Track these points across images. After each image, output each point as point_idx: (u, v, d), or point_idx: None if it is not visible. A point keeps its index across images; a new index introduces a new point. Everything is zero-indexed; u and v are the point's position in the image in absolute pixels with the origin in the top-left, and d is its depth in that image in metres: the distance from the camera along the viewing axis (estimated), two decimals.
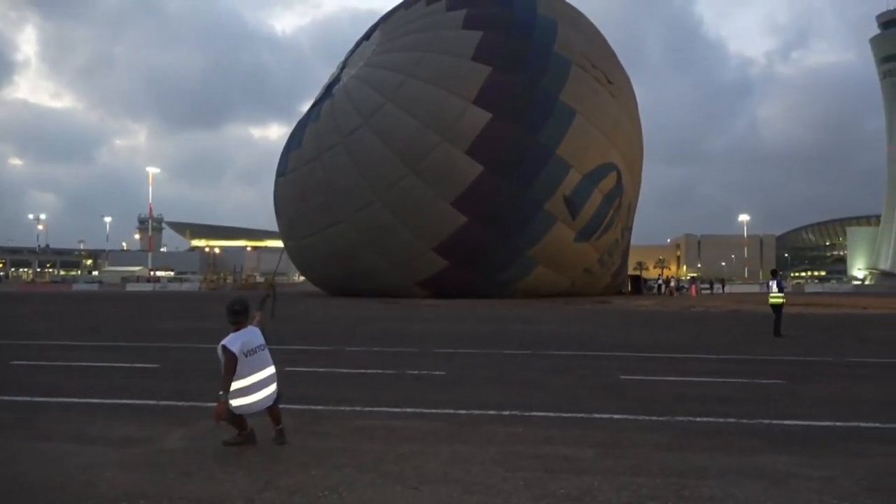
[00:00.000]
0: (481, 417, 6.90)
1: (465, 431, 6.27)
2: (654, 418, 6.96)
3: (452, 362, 11.11)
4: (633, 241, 44.97)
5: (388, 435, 6.08)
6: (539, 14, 35.34)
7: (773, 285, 17.51)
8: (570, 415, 7.07)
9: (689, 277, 75.45)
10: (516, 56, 33.30)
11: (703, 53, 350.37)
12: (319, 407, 7.32)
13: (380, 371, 10.08)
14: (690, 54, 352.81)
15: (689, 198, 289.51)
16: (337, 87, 36.83)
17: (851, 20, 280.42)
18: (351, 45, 41.61)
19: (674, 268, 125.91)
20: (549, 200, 32.92)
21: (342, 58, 40.69)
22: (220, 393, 5.35)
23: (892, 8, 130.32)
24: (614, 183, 35.74)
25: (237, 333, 5.56)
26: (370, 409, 7.25)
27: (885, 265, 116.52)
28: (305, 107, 42.73)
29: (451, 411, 7.16)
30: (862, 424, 6.84)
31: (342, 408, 7.28)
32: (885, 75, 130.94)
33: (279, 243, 49.97)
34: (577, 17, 38.47)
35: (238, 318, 5.64)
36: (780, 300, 16.88)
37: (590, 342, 14.71)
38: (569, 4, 39.24)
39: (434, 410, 7.21)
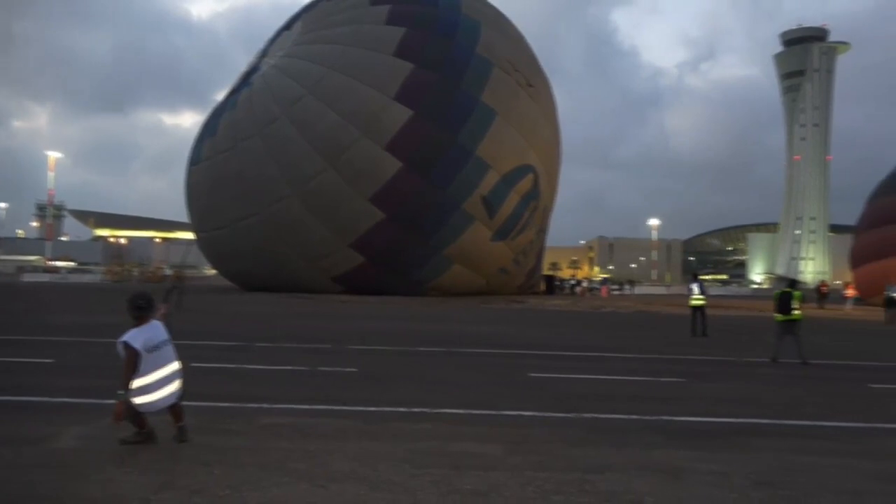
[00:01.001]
0: (392, 414, 6.87)
1: (374, 429, 6.23)
2: (561, 415, 7.11)
3: (365, 359, 11.03)
4: (548, 243, 45.85)
5: (295, 432, 5.97)
6: (463, 15, 35.55)
7: (695, 288, 18.06)
8: (479, 412, 7.13)
9: (600, 279, 77.63)
10: (439, 55, 33.38)
11: (617, 62, 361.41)
12: (225, 404, 7.11)
13: (290, 368, 9.90)
14: (605, 62, 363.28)
15: (602, 202, 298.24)
16: (255, 76, 35.96)
17: (757, 37, 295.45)
18: (271, 34, 40.69)
19: (586, 269, 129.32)
20: (467, 200, 33.18)
21: (261, 46, 39.77)
22: (120, 392, 5.12)
23: (794, 27, 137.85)
24: (531, 185, 36.36)
25: (139, 329, 5.33)
26: (278, 406, 7.10)
27: (780, 270, 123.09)
28: (221, 95, 41.46)
29: (362, 408, 7.10)
30: (755, 421, 7.19)
31: (249, 405, 7.10)
32: (786, 90, 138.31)
33: (190, 235, 48.38)
34: (501, 21, 38.90)
35: (141, 312, 5.42)
36: (702, 302, 17.54)
37: (502, 340, 14.90)
38: (493, 7, 39.62)
39: (344, 407, 7.14)
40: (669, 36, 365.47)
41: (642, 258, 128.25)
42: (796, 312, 12.51)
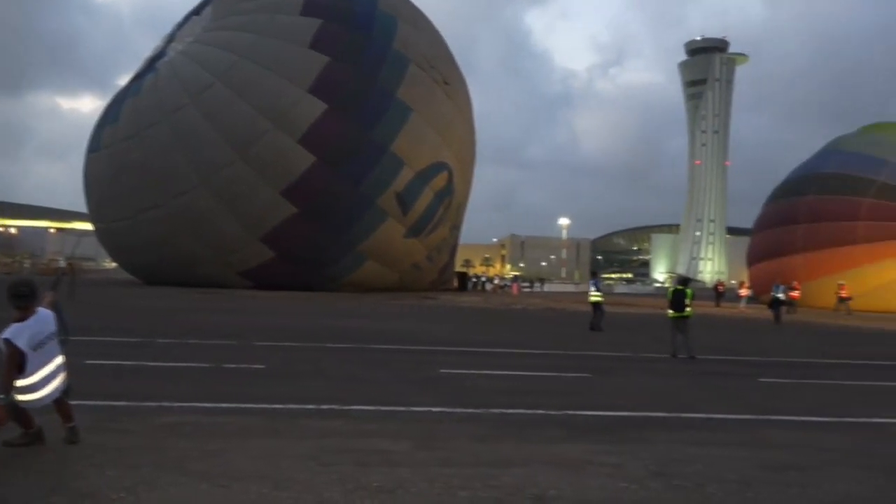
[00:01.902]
0: (299, 412, 6.76)
1: (280, 426, 6.12)
2: (469, 411, 7.18)
3: (273, 356, 10.82)
4: (461, 240, 46.28)
5: (196, 431, 5.78)
6: (379, 10, 35.30)
7: (592, 285, 18.95)
8: (388, 408, 7.12)
9: (511, 276, 78.95)
10: (355, 49, 33.04)
11: (530, 63, 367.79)
12: (121, 403, 6.81)
13: (193, 364, 9.58)
14: (519, 63, 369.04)
15: (515, 200, 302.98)
16: (162, 61, 34.57)
17: (663, 45, 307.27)
18: (179, 18, 39.20)
19: (499, 266, 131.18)
20: (382, 196, 33.04)
21: (168, 30, 38.25)
22: (1, 396, 4.76)
23: (698, 38, 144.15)
24: (446, 182, 36.56)
25: (23, 324, 4.93)
26: (179, 404, 6.86)
27: (681, 270, 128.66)
28: (124, 80, 39.80)
29: (268, 406, 6.96)
30: (652, 414, 7.49)
31: (147, 403, 6.83)
32: (689, 98, 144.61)
33: (88, 225, 46.12)
34: (418, 17, 38.87)
35: (23, 302, 4.98)
36: (599, 299, 18.29)
37: (413, 337, 14.92)
38: (411, 4, 39.54)
39: (249, 405, 6.98)
40: (580, 40, 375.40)
41: (553, 256, 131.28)
42: (688, 310, 13.07)
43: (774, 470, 5.36)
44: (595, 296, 18.39)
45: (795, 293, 32.30)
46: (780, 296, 25.16)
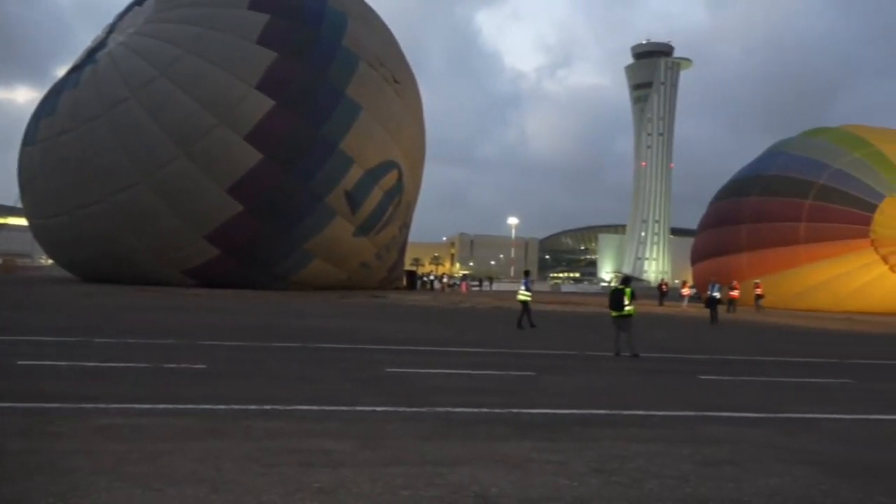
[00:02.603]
0: (241, 413, 6.64)
1: (221, 427, 5.99)
2: (415, 409, 7.17)
3: (215, 355, 10.61)
4: (410, 238, 46.20)
5: (133, 434, 5.63)
6: (329, 7, 34.92)
7: (523, 284, 19.44)
8: (333, 408, 7.06)
9: (460, 275, 79.20)
10: (303, 45, 32.64)
11: (481, 63, 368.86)
12: (54, 405, 6.58)
13: (132, 365, 9.32)
14: (469, 63, 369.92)
15: (464, 199, 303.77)
16: (102, 52, 33.52)
17: (609, 48, 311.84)
18: (121, 9, 38.09)
19: (448, 265, 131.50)
20: (330, 194, 32.75)
21: (109, 21, 37.14)
22: None
23: (644, 41, 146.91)
24: (395, 181, 36.44)
25: None
26: (116, 406, 6.66)
27: (627, 269, 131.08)
28: (62, 71, 38.41)
29: (209, 407, 6.82)
30: (595, 412, 7.60)
31: (83, 405, 6.61)
32: (635, 101, 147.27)
33: (23, 221, 44.49)
34: (369, 15, 38.63)
35: None
36: (527, 298, 18.69)
37: (360, 336, 14.84)
38: (361, 1, 39.26)
39: (189, 406, 6.82)
40: (529, 41, 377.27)
41: (501, 255, 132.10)
42: (628, 308, 13.29)
43: (711, 465, 5.49)
44: (524, 295, 18.77)
45: (735, 293, 33.21)
46: (717, 295, 25.80)
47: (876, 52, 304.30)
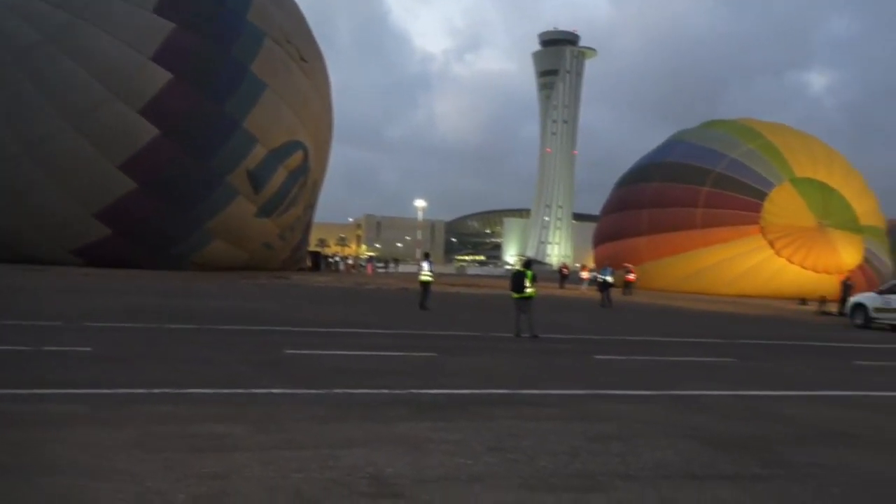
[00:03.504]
0: (128, 397, 6.36)
1: (106, 413, 5.71)
2: (313, 391, 7.07)
3: (103, 337, 10.11)
4: (316, 219, 45.56)
5: (7, 421, 5.28)
6: None
7: (425, 265, 19.84)
8: (227, 391, 6.87)
9: (366, 256, 78.78)
10: (205, 17, 31.29)
11: (390, 43, 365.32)
12: None
13: (8, 348, 8.75)
14: (378, 43, 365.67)
15: (372, 180, 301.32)
16: None
17: (517, 34, 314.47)
18: None
19: (354, 246, 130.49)
20: (232, 173, 31.76)
21: None
22: None
23: (551, 29, 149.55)
24: (301, 161, 35.72)
25: None
26: None
27: (530, 253, 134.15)
28: None
29: (93, 391, 6.49)
30: (494, 391, 7.73)
31: None
32: (542, 87, 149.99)
33: None
34: None
35: None
36: (430, 278, 19.18)
37: (261, 317, 14.50)
38: None
39: (72, 391, 6.46)
40: (438, 23, 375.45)
41: (408, 237, 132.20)
42: (529, 291, 13.58)
43: (601, 441, 5.69)
44: (426, 275, 19.22)
45: (632, 276, 34.51)
46: (608, 278, 26.66)
47: (763, 50, 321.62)
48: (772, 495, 4.51)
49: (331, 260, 58.27)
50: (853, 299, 23.56)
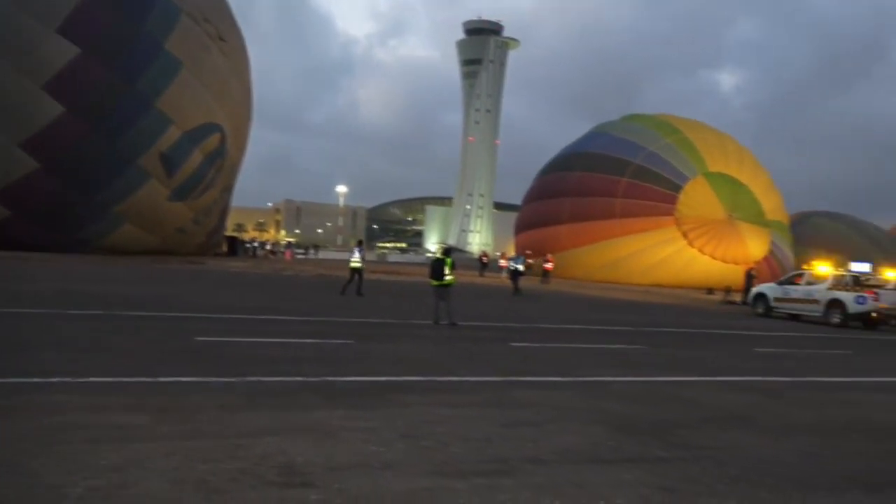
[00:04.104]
0: (21, 387, 6.01)
1: None
2: (224, 380, 6.88)
3: None
4: (234, 203, 44.40)
5: None
6: None
7: (356, 253, 19.88)
8: (132, 379, 6.60)
9: (285, 242, 77.40)
10: None
11: (312, 25, 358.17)
12: None
13: None
14: (300, 24, 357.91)
15: (292, 164, 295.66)
16: None
17: (441, 21, 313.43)
18: None
19: (273, 232, 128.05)
20: (144, 155, 30.48)
21: None
22: None
23: (475, 18, 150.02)
24: (217, 144, 34.63)
25: None
26: None
27: (452, 241, 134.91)
28: None
29: None
30: (410, 378, 7.72)
31: None
32: (465, 76, 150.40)
33: None
34: None
35: None
36: (360, 265, 19.35)
37: (171, 303, 14.02)
38: None
39: None
40: (361, 6, 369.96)
41: (329, 223, 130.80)
42: (448, 278, 13.65)
43: (513, 427, 5.77)
44: (355, 262, 19.55)
45: (549, 265, 35.18)
46: (520, 267, 27.06)
47: (678, 47, 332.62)
48: (673, 477, 4.68)
49: (248, 245, 56.96)
50: (755, 289, 24.73)
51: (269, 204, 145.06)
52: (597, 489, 4.30)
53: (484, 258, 45.56)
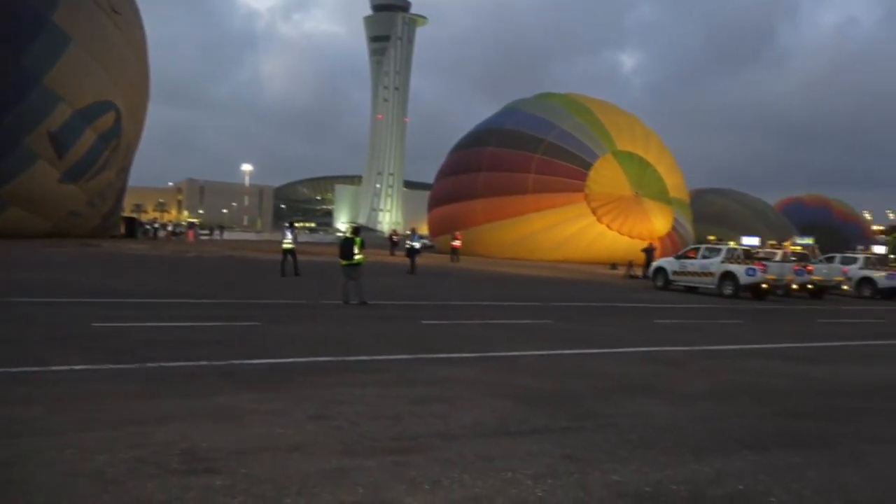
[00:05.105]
0: None
1: None
2: (123, 367, 6.62)
3: None
4: (132, 182, 42.51)
5: None
6: None
7: (288, 234, 20.42)
8: (20, 369, 6.23)
9: (188, 222, 74.74)
10: None
11: None
12: None
13: None
14: None
15: (192, 142, 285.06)
16: None
17: None
18: None
19: (175, 212, 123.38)
20: (31, 135, 28.72)
21: None
22: None
23: None
24: (112, 123, 32.95)
25: None
26: None
27: (362, 220, 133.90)
28: None
29: None
30: (320, 359, 7.63)
31: None
32: (373, 53, 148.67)
33: None
34: None
35: None
36: (292, 246, 19.86)
37: (65, 288, 13.29)
38: None
39: None
40: None
41: (234, 203, 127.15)
42: (358, 257, 13.56)
43: (423, 403, 5.81)
44: (287, 244, 19.87)
45: (457, 242, 35.47)
46: (416, 245, 27.05)
47: (583, 27, 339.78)
48: (578, 445, 4.84)
49: (148, 227, 54.69)
50: (655, 263, 25.76)
51: (171, 183, 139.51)
52: (505, 462, 4.39)
53: (394, 237, 45.45)
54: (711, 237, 25.67)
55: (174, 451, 4.24)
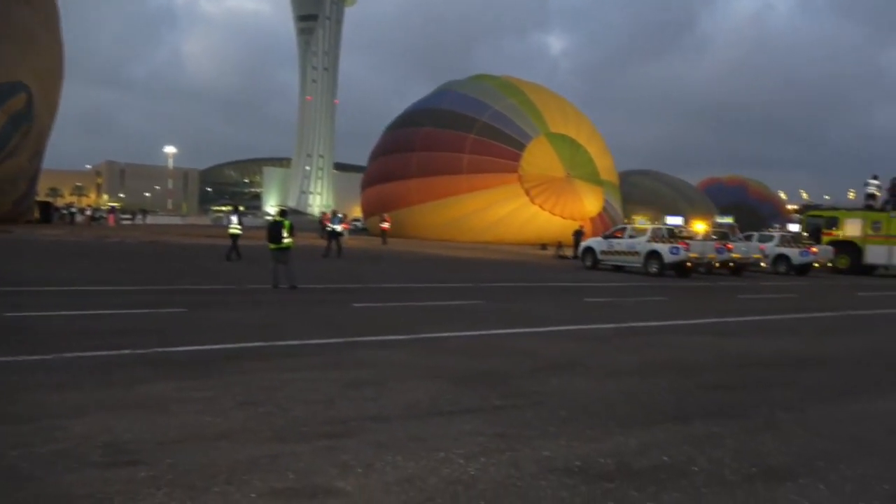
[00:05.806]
0: None
1: None
2: (37, 357, 6.33)
3: None
4: (47, 165, 40.57)
5: None
6: None
7: (234, 219, 21.09)
8: None
9: (108, 207, 71.99)
10: None
11: None
12: None
13: None
14: None
15: (112, 124, 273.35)
16: None
17: None
18: None
19: (94, 196, 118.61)
20: None
21: None
22: None
23: None
24: (23, 106, 31.32)
25: None
26: None
27: (292, 203, 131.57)
28: None
29: None
30: (249, 345, 7.48)
31: None
32: (301, 32, 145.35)
33: None
34: None
35: None
36: (238, 231, 20.36)
37: None
38: None
39: None
40: None
41: (158, 186, 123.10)
42: (287, 241, 13.35)
43: (356, 387, 5.77)
44: (234, 228, 20.37)
45: (386, 224, 35.35)
46: (338, 227, 26.65)
47: (510, 8, 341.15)
48: (509, 423, 4.90)
49: (64, 211, 52.41)
50: (584, 244, 26.27)
51: (89, 166, 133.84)
52: (437, 442, 4.41)
53: (325, 220, 44.94)
54: (638, 217, 26.32)
55: (95, 443, 4.09)
